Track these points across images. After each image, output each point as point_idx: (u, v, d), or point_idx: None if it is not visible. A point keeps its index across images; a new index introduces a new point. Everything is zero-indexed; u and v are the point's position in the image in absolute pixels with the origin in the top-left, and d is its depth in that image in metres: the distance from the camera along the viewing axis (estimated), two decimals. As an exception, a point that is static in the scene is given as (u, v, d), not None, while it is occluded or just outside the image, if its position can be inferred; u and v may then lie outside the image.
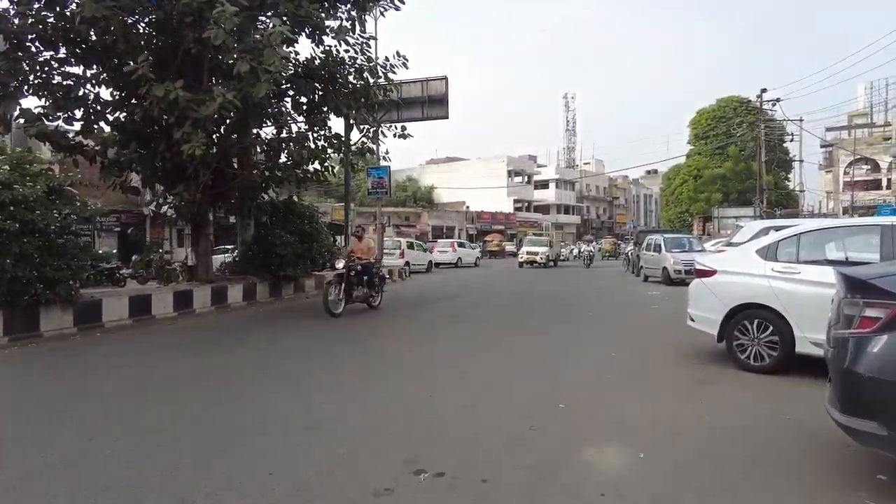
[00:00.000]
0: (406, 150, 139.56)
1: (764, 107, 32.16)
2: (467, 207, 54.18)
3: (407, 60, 12.82)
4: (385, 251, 26.37)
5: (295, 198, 15.64)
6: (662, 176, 65.09)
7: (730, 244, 9.98)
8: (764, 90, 31.44)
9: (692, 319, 6.59)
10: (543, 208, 65.43)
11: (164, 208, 12.34)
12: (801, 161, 39.05)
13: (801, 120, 35.21)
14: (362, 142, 14.31)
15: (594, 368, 6.21)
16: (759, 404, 4.80)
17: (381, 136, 15.88)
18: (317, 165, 14.14)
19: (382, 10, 13.18)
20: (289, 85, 13.09)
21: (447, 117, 19.40)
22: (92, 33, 10.22)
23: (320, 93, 13.12)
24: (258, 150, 13.15)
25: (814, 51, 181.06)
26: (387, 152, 14.31)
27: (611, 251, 42.40)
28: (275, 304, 13.51)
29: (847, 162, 60.01)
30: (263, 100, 9.85)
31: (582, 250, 35.26)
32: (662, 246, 19.14)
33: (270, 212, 14.25)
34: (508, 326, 9.68)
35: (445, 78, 19.01)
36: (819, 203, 63.76)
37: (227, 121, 11.00)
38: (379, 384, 5.62)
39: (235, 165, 13.17)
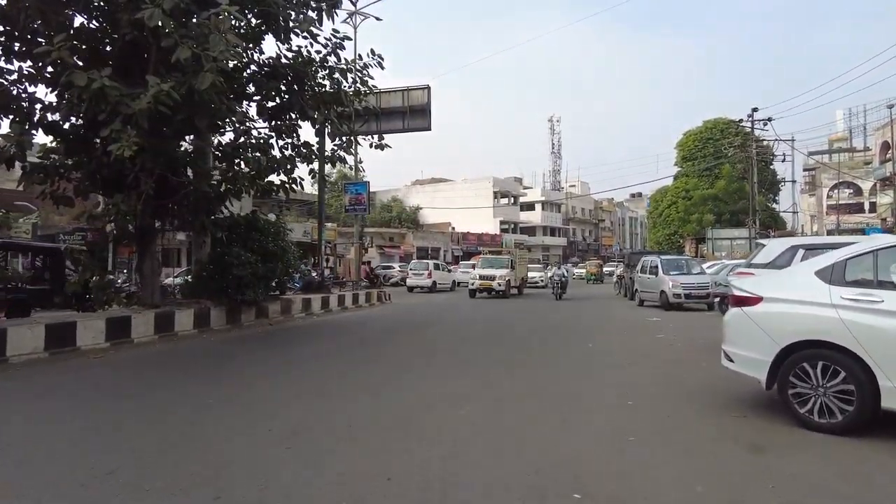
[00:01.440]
0: (392, 171, 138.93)
1: (754, 127, 31.50)
2: (453, 228, 52.99)
3: (382, 59, 11.56)
4: (413, 272, 28.56)
5: (272, 216, 14.23)
6: (650, 198, 64.64)
7: (751, 265, 8.68)
8: (755, 109, 30.83)
9: (730, 359, 5.19)
10: (530, 230, 64.52)
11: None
12: (793, 182, 38.50)
13: (792, 140, 34.62)
14: (333, 149, 12.89)
15: (610, 426, 4.76)
16: (855, 490, 3.38)
17: (355, 146, 14.56)
18: (283, 177, 12.73)
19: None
20: (251, 85, 11.77)
21: (429, 129, 18.14)
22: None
23: (286, 95, 11.76)
24: (209, 156, 11.66)
25: (799, 74, 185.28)
26: (360, 162, 12.96)
27: (596, 274, 40.52)
28: (231, 333, 11.89)
29: (830, 185, 60.28)
30: (212, 95, 8.42)
31: (553, 275, 23.94)
32: (660, 268, 17.91)
33: (229, 227, 12.72)
34: (497, 362, 8.23)
35: (428, 87, 17.79)
36: (801, 227, 63.76)
37: (174, 120, 9.51)
38: (320, 460, 4.11)
39: (190, 174, 11.70)
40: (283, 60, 11.71)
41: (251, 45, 11.85)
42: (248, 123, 11.73)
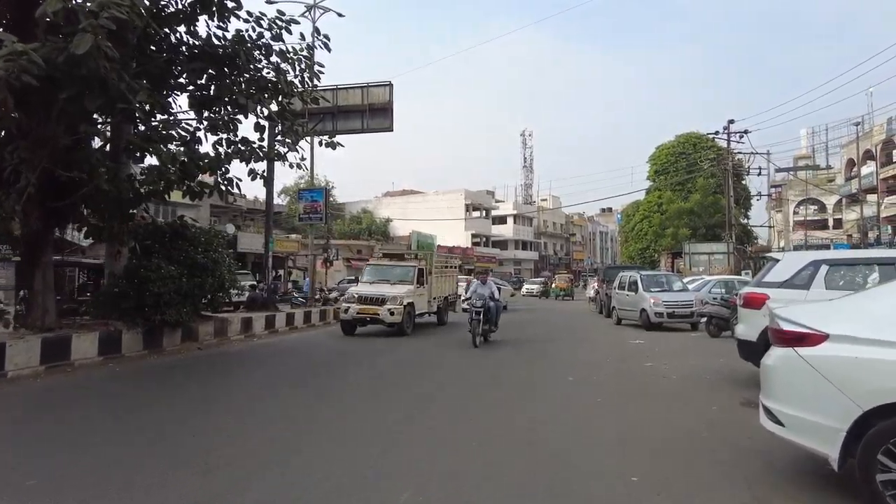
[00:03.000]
0: (363, 183, 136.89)
1: (730, 139, 30.92)
2: (423, 241, 51.33)
3: (329, 40, 9.94)
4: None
5: (231, 226, 12.38)
6: (621, 213, 64.22)
7: (760, 284, 7.30)
8: (731, 121, 30.20)
9: (778, 421, 3.64)
10: (502, 244, 63.40)
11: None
12: (769, 195, 38.00)
13: (768, 153, 34.24)
14: (274, 144, 11.14)
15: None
16: None
17: (311, 144, 12.85)
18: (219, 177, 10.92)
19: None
20: (177, 68, 10.02)
21: (391, 129, 16.51)
22: None
23: (216, 82, 10.03)
24: (120, 150, 9.79)
25: (769, 90, 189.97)
26: (303, 159, 11.23)
27: (566, 289, 38.62)
28: (147, 360, 9.98)
29: (796, 202, 61.13)
30: (99, 66, 6.64)
31: (471, 296, 12.13)
32: (639, 284, 16.55)
33: (149, 235, 10.84)
34: (456, 403, 6.59)
35: (390, 84, 16.22)
36: (768, 242, 64.27)
37: (59, 100, 7.65)
38: None
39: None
40: (215, 41, 10.02)
41: (184, 27, 10.17)
42: (170, 113, 9.91)
